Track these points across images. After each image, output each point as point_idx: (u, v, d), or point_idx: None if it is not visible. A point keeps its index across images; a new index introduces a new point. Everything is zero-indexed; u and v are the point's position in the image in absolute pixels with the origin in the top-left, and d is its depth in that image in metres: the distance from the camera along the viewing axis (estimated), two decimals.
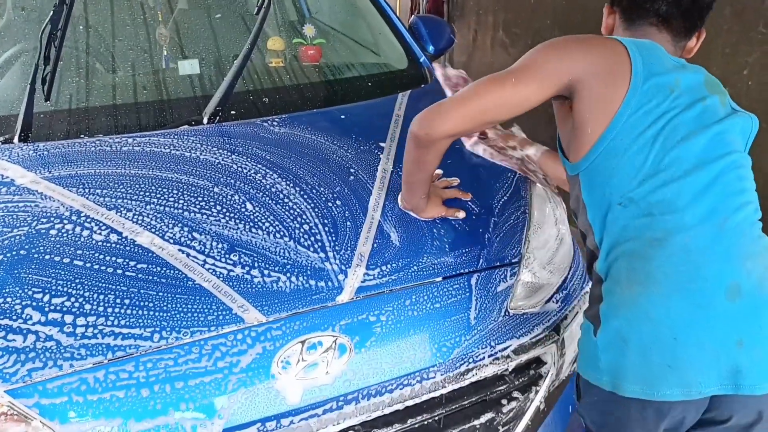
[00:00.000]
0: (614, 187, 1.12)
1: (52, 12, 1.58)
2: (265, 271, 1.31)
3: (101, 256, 1.29)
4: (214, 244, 1.34)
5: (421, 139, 1.25)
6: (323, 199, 1.49)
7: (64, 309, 1.19)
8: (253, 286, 1.28)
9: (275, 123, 1.79)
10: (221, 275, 1.28)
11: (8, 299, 1.20)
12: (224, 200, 1.45)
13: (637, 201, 1.10)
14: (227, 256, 1.32)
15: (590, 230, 1.17)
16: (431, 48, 2.40)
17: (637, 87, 1.12)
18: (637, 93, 1.12)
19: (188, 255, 1.31)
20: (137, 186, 1.47)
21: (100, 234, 1.34)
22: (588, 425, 1.23)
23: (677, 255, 1.07)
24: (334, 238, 1.40)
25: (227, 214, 1.41)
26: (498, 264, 1.47)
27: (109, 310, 1.20)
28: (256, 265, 1.31)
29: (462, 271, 1.42)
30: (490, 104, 1.17)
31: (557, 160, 1.42)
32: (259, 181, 1.52)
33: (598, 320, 1.13)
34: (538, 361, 1.45)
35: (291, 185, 1.52)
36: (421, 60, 2.26)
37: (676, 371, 1.05)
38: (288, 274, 1.31)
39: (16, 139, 1.62)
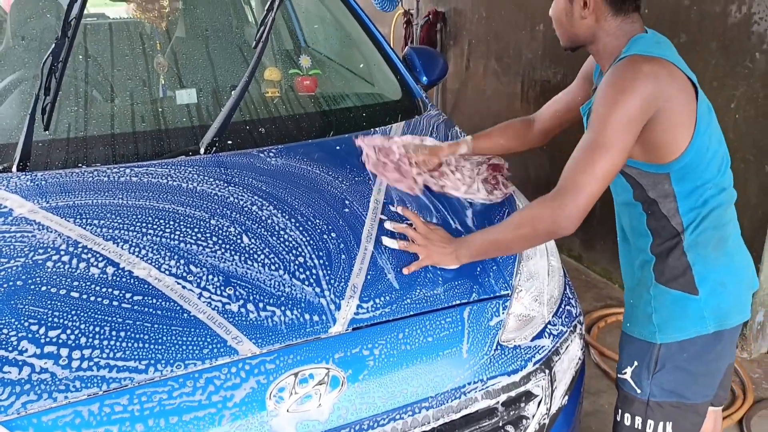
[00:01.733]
0: (707, 179, 1.38)
1: (53, 45, 1.60)
2: (260, 304, 1.32)
3: (98, 288, 1.30)
4: (210, 276, 1.35)
5: (565, 233, 1.34)
6: (318, 231, 1.51)
7: (60, 341, 1.20)
8: (248, 317, 1.29)
9: (271, 154, 1.81)
10: (216, 307, 1.30)
11: (4, 330, 1.21)
12: (220, 232, 1.47)
13: (717, 184, 1.40)
14: (222, 288, 1.33)
15: (677, 213, 1.40)
16: (425, 79, 2.44)
17: (699, 94, 1.36)
18: (701, 100, 1.36)
19: (184, 287, 1.32)
20: (134, 217, 1.49)
21: (96, 266, 1.35)
22: (657, 402, 1.47)
23: (734, 215, 1.47)
24: (327, 270, 1.41)
25: (223, 245, 1.43)
26: (490, 296, 1.49)
27: (105, 342, 1.21)
28: (250, 297, 1.33)
29: (454, 303, 1.44)
30: (611, 175, 1.32)
31: (485, 136, 1.82)
32: (255, 213, 1.54)
33: (692, 283, 1.41)
34: (529, 395, 1.46)
35: (286, 217, 1.54)
36: (415, 91, 2.30)
37: (752, 291, 1.50)
38: (282, 306, 1.32)
39: (14, 169, 1.64)
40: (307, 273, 1.40)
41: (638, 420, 1.50)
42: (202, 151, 1.78)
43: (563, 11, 1.43)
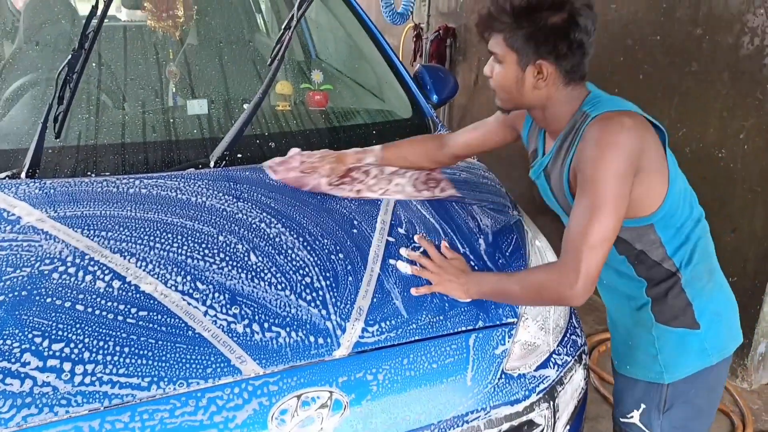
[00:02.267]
0: (686, 218, 1.41)
1: (70, 56, 1.60)
2: (265, 324, 1.31)
3: (103, 301, 1.29)
4: (217, 294, 1.34)
5: (572, 305, 1.33)
6: (325, 251, 1.50)
7: (63, 355, 1.19)
8: (253, 337, 1.28)
9: None
10: (222, 326, 1.29)
11: (7, 342, 1.20)
12: (228, 249, 1.46)
13: (693, 218, 1.43)
14: (228, 306, 1.33)
15: (666, 258, 1.41)
16: (435, 97, 2.44)
17: (665, 141, 1.36)
18: (668, 146, 1.37)
19: (190, 303, 1.31)
20: (142, 230, 1.48)
21: (103, 279, 1.34)
22: None
23: (713, 246, 1.48)
24: (334, 292, 1.40)
25: (230, 263, 1.42)
26: (496, 323, 1.48)
27: (108, 357, 1.20)
28: (256, 316, 1.32)
29: (460, 329, 1.43)
30: (612, 236, 1.28)
31: (394, 147, 1.81)
32: (263, 231, 1.53)
33: (693, 318, 1.42)
34: (531, 424, 1.45)
35: (294, 236, 1.53)
36: (425, 110, 2.30)
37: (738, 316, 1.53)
38: (287, 327, 1.32)
39: (23, 175, 1.63)
40: (314, 294, 1.39)
41: None
42: (211, 164, 1.77)
43: (513, 79, 1.35)
